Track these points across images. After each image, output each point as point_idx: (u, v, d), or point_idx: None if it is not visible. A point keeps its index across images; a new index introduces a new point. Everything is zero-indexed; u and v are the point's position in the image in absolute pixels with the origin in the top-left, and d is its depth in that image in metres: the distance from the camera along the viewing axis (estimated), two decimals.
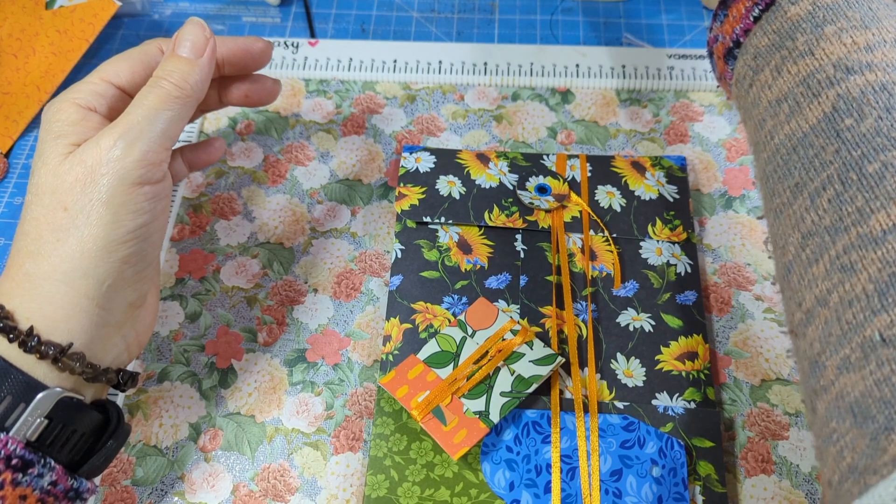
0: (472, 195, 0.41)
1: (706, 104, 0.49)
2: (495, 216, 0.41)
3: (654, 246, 0.40)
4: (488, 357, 0.36)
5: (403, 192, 0.42)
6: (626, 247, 0.40)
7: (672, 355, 0.37)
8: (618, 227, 0.41)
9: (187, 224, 0.44)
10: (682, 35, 0.54)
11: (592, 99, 0.49)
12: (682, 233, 0.40)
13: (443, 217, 0.41)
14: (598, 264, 0.40)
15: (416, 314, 0.39)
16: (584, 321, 0.38)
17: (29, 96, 0.49)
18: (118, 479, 0.36)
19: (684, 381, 0.36)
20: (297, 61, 0.50)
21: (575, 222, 0.41)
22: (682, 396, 0.36)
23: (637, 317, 0.38)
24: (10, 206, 0.46)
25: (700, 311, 0.39)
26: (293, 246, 0.43)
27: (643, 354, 0.37)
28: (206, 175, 0.46)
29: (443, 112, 0.48)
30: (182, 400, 0.39)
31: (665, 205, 0.41)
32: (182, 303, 0.41)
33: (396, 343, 0.38)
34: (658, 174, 0.42)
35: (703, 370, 0.37)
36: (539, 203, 0.41)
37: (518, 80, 0.49)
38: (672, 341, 0.38)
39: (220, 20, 0.55)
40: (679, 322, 0.38)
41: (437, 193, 0.42)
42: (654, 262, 0.40)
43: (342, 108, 0.49)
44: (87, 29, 0.50)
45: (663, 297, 0.39)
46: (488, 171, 0.42)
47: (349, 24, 0.54)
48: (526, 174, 0.42)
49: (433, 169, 0.43)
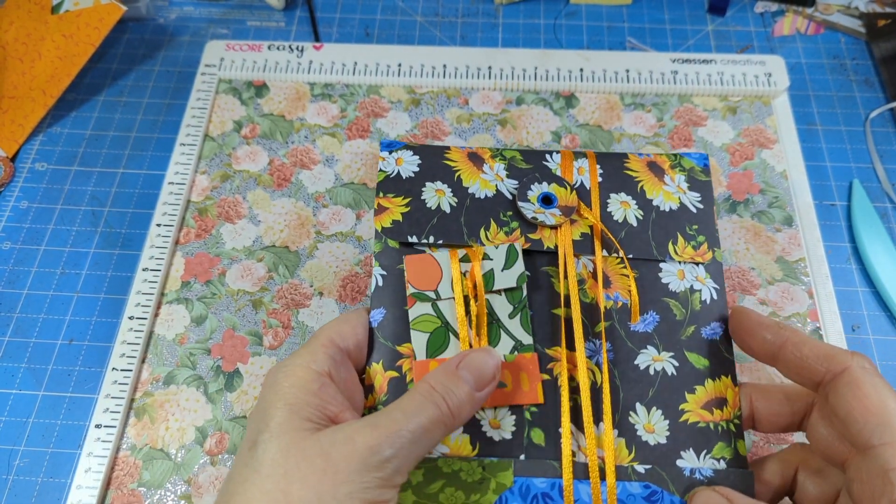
0: (464, 207, 0.34)
1: (710, 108, 0.49)
2: (493, 234, 0.34)
3: (675, 268, 0.34)
4: (471, 300, 0.32)
5: (384, 203, 0.34)
6: (644, 270, 0.34)
7: (698, 403, 0.31)
8: (634, 245, 0.34)
9: (192, 227, 0.44)
10: (686, 39, 0.54)
11: (596, 103, 0.49)
12: (706, 251, 0.34)
13: (431, 236, 0.34)
14: (612, 292, 0.33)
15: (402, 359, 0.32)
16: (597, 364, 0.32)
17: (35, 100, 0.49)
18: (124, 483, 0.37)
19: (713, 434, 0.31)
20: (302, 65, 0.50)
21: (585, 240, 0.34)
22: (710, 454, 0.31)
23: (658, 356, 0.32)
24: (16, 210, 0.46)
25: (728, 346, 0.33)
26: (298, 249, 0.43)
27: (666, 403, 0.31)
28: (212, 178, 0.46)
29: (447, 116, 0.49)
30: (188, 403, 0.39)
31: (687, 216, 0.35)
32: (188, 306, 0.41)
33: (381, 395, 0.31)
34: (678, 178, 0.36)
35: (733, 419, 0.31)
36: (544, 218, 0.34)
37: (522, 84, 0.50)
38: (698, 386, 0.32)
39: (225, 24, 0.55)
40: (705, 362, 0.32)
41: (424, 206, 0.34)
42: (675, 287, 0.33)
43: (347, 112, 0.49)
44: (92, 33, 0.50)
45: (687, 332, 0.33)
46: (483, 177, 0.35)
47: (353, 28, 0.55)
48: (528, 180, 0.35)
49: (417, 173, 0.35)
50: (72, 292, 0.43)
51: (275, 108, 0.49)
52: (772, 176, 0.46)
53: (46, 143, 0.49)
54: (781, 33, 0.54)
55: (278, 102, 0.49)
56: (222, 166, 0.47)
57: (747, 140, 0.47)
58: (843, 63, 0.53)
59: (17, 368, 0.41)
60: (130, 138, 0.49)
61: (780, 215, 0.44)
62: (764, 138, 0.47)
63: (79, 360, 0.41)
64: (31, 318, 0.42)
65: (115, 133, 0.50)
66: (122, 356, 0.40)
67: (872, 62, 0.53)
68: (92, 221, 0.46)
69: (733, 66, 0.50)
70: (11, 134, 0.49)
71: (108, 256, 0.44)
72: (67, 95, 0.51)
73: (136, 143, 0.49)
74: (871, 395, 0.25)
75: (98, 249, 0.45)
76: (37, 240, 0.45)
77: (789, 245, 0.43)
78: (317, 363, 0.27)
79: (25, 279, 0.44)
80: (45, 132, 0.50)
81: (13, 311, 0.43)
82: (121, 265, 0.44)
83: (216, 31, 0.55)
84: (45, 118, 0.50)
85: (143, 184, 0.47)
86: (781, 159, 0.46)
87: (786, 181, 0.46)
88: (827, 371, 0.26)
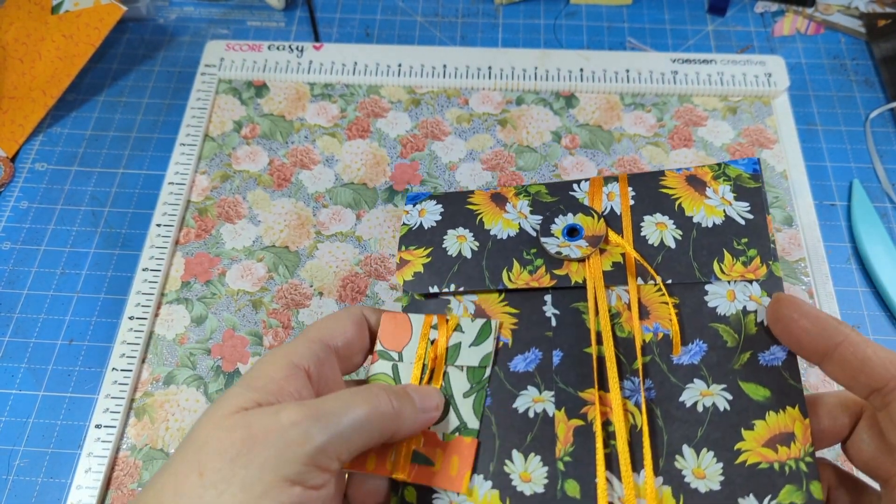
0: (486, 250, 0.33)
1: (710, 108, 0.49)
2: (515, 275, 0.32)
3: (723, 289, 0.30)
4: (429, 370, 0.31)
5: (405, 257, 0.33)
6: (687, 295, 0.30)
7: (758, 441, 0.28)
8: (673, 269, 0.31)
9: (192, 227, 0.44)
10: (686, 39, 0.54)
11: (596, 103, 0.49)
12: (759, 266, 0.30)
13: (452, 284, 0.32)
14: (651, 323, 0.30)
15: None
16: (636, 404, 0.29)
17: (35, 101, 0.49)
18: (124, 483, 0.37)
19: (777, 476, 0.27)
20: (302, 65, 0.51)
21: (617, 270, 0.31)
22: (775, 499, 0.27)
23: (707, 391, 0.29)
24: (16, 211, 0.46)
25: (794, 372, 0.28)
26: (298, 249, 0.43)
27: (719, 444, 0.28)
28: (212, 179, 0.46)
29: (447, 116, 0.49)
30: (188, 403, 0.39)
31: (735, 230, 0.31)
32: (188, 306, 0.41)
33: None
34: (723, 189, 0.32)
35: (804, 458, 0.27)
36: (569, 251, 0.31)
37: (522, 84, 0.50)
38: (757, 420, 0.28)
39: (225, 25, 0.55)
40: (765, 392, 0.28)
41: (445, 254, 0.33)
42: (724, 311, 0.30)
43: (347, 112, 0.49)
44: (92, 34, 0.50)
45: (741, 360, 0.29)
46: (505, 216, 0.33)
47: (354, 29, 0.55)
48: (551, 214, 0.32)
49: (440, 222, 0.34)
50: (72, 292, 0.43)
51: (275, 108, 0.49)
52: (772, 176, 0.46)
53: (46, 144, 0.49)
54: (781, 33, 0.54)
55: (278, 102, 0.49)
56: (222, 166, 0.47)
57: (747, 140, 0.47)
58: (843, 63, 0.53)
59: (17, 368, 0.41)
60: (130, 138, 0.49)
61: (780, 215, 0.44)
62: (764, 138, 0.47)
63: (79, 361, 0.41)
64: (32, 318, 0.42)
65: (115, 133, 0.50)
66: (122, 356, 0.40)
67: (872, 62, 0.53)
68: (92, 221, 0.46)
69: (733, 66, 0.50)
70: (12, 134, 0.49)
71: (108, 256, 0.44)
72: (67, 96, 0.51)
73: (136, 144, 0.49)
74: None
75: (98, 249, 0.45)
76: (37, 240, 0.45)
77: (789, 245, 0.43)
78: (297, 356, 0.27)
79: (25, 279, 0.44)
80: (45, 132, 0.50)
81: (13, 312, 0.43)
82: (121, 265, 0.44)
83: (216, 31, 0.55)
84: (45, 118, 0.50)
85: (143, 184, 0.47)
86: (781, 159, 0.46)
87: (786, 181, 0.46)
88: (892, 378, 0.24)
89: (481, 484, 0.28)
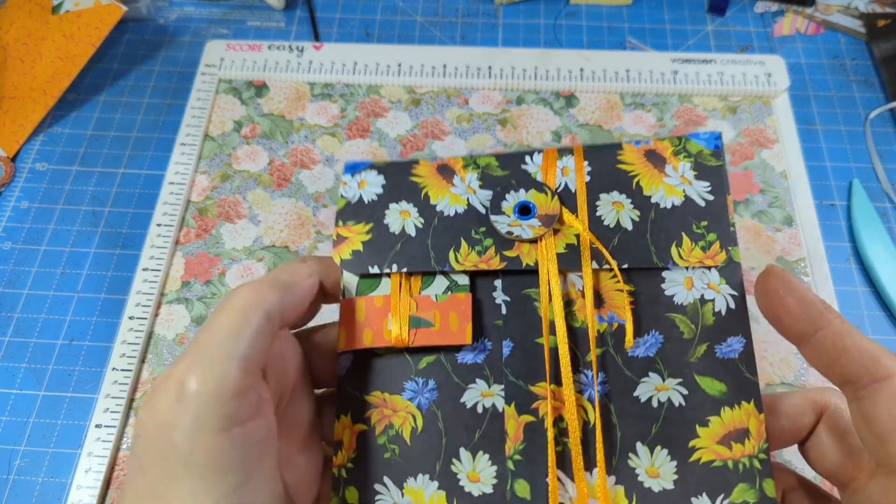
0: (432, 228, 0.30)
1: (710, 108, 0.49)
2: (463, 256, 0.29)
3: (681, 276, 0.29)
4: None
5: (343, 233, 0.30)
6: (643, 282, 0.29)
7: (713, 438, 0.27)
8: (629, 253, 0.29)
9: (193, 227, 0.44)
10: (686, 39, 0.54)
11: (597, 103, 0.49)
12: (719, 251, 0.28)
13: (395, 264, 0.29)
14: (605, 312, 0.28)
15: (371, 409, 0.28)
16: (590, 399, 0.28)
17: (35, 101, 0.49)
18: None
19: (731, 474, 0.26)
20: (302, 65, 0.51)
21: (571, 253, 0.29)
22: (728, 498, 0.26)
23: (662, 385, 0.27)
24: (17, 211, 0.46)
25: (750, 364, 0.27)
26: (298, 249, 0.43)
27: (673, 441, 0.27)
28: (212, 178, 0.46)
29: (447, 116, 0.49)
30: None
31: (694, 212, 0.29)
32: (188, 306, 0.42)
33: (349, 452, 0.28)
34: (683, 167, 0.30)
35: (758, 455, 0.26)
36: (520, 231, 0.29)
37: (522, 83, 0.50)
38: (712, 417, 0.27)
39: (226, 25, 0.55)
40: (721, 387, 0.27)
41: (387, 231, 0.30)
42: (682, 300, 0.28)
43: (347, 112, 0.49)
44: (93, 34, 0.50)
45: (698, 352, 0.28)
46: (453, 191, 0.30)
47: (353, 28, 0.55)
48: (502, 189, 0.30)
49: (381, 195, 0.31)
50: (72, 292, 0.43)
51: (275, 108, 0.49)
52: (772, 176, 0.46)
53: (47, 144, 0.49)
54: (781, 33, 0.54)
55: (278, 102, 0.49)
56: (222, 166, 0.47)
57: (747, 140, 0.47)
58: (842, 63, 0.53)
59: (17, 368, 0.41)
60: (131, 138, 0.49)
61: (780, 215, 0.44)
62: (764, 138, 0.47)
63: (79, 360, 0.41)
64: (32, 318, 0.42)
65: (115, 133, 0.50)
66: (123, 356, 0.40)
67: (872, 62, 0.53)
68: (92, 221, 0.46)
69: (733, 66, 0.50)
70: (12, 134, 0.49)
71: (109, 256, 0.44)
72: (68, 95, 0.51)
73: (136, 143, 0.49)
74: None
75: (98, 249, 0.45)
76: (37, 240, 0.45)
77: (789, 245, 0.43)
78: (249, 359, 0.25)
79: (26, 279, 0.44)
80: (45, 132, 0.50)
81: (14, 311, 0.43)
82: (121, 265, 0.44)
83: (216, 31, 0.55)
84: (46, 118, 0.50)
85: (143, 184, 0.47)
86: (781, 159, 0.46)
87: (786, 181, 0.46)
88: (867, 373, 0.23)
89: (427, 484, 0.27)
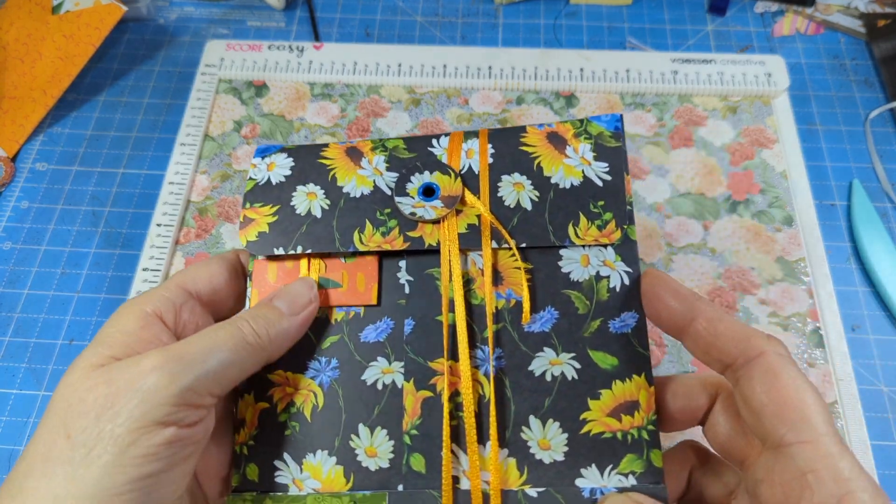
0: (337, 209, 0.30)
1: (710, 108, 0.49)
2: (367, 236, 0.30)
3: (577, 254, 0.29)
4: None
5: (250, 215, 0.30)
6: (541, 260, 0.29)
7: (604, 410, 0.27)
8: (528, 232, 0.29)
9: (192, 227, 0.44)
10: (686, 39, 0.54)
11: (597, 103, 0.49)
12: (614, 230, 0.29)
13: (300, 246, 0.30)
14: (504, 290, 0.29)
15: (273, 388, 0.29)
16: (485, 374, 0.28)
17: (35, 100, 0.49)
18: None
19: (620, 445, 0.27)
20: (302, 65, 0.51)
21: (472, 233, 0.30)
22: (616, 469, 0.27)
23: (556, 360, 0.28)
24: (17, 210, 0.46)
25: (642, 339, 0.28)
26: None
27: (565, 414, 0.28)
28: (212, 178, 0.46)
29: (447, 116, 0.49)
30: None
31: (592, 192, 0.30)
32: None
33: (251, 430, 0.28)
34: (583, 148, 0.31)
35: (646, 426, 0.27)
36: (423, 212, 0.30)
37: (522, 83, 0.50)
38: (604, 390, 0.28)
39: (226, 24, 0.55)
40: (613, 360, 0.28)
41: (293, 212, 0.30)
42: (578, 276, 0.29)
43: (347, 112, 0.49)
44: (93, 34, 0.50)
45: (591, 327, 0.29)
46: (360, 173, 0.31)
47: (354, 28, 0.55)
48: (407, 171, 0.31)
49: (289, 177, 0.31)
50: (72, 292, 0.43)
51: (275, 108, 0.49)
52: (772, 176, 0.46)
53: (47, 144, 0.49)
54: (781, 33, 0.54)
55: (278, 102, 0.49)
56: (222, 166, 0.47)
57: (747, 140, 0.47)
58: (842, 63, 0.53)
59: (17, 368, 0.41)
60: (131, 138, 0.49)
61: (780, 215, 0.44)
62: (764, 138, 0.47)
63: None
64: (32, 318, 0.42)
65: (115, 133, 0.50)
66: None
67: (872, 62, 0.53)
68: (92, 221, 0.46)
69: (733, 66, 0.50)
70: (12, 134, 0.49)
71: (109, 256, 0.44)
72: (68, 95, 0.51)
73: (136, 143, 0.49)
74: (789, 386, 0.22)
75: (98, 249, 0.45)
76: (37, 240, 0.45)
77: (789, 245, 0.43)
78: (148, 304, 0.26)
79: (26, 279, 0.44)
80: (45, 132, 0.50)
81: (14, 311, 0.43)
82: (121, 265, 0.44)
83: (216, 31, 0.55)
84: (46, 118, 0.50)
85: (143, 184, 0.47)
86: (781, 159, 0.46)
87: (786, 181, 0.46)
88: (740, 354, 0.24)
89: (325, 460, 0.27)
